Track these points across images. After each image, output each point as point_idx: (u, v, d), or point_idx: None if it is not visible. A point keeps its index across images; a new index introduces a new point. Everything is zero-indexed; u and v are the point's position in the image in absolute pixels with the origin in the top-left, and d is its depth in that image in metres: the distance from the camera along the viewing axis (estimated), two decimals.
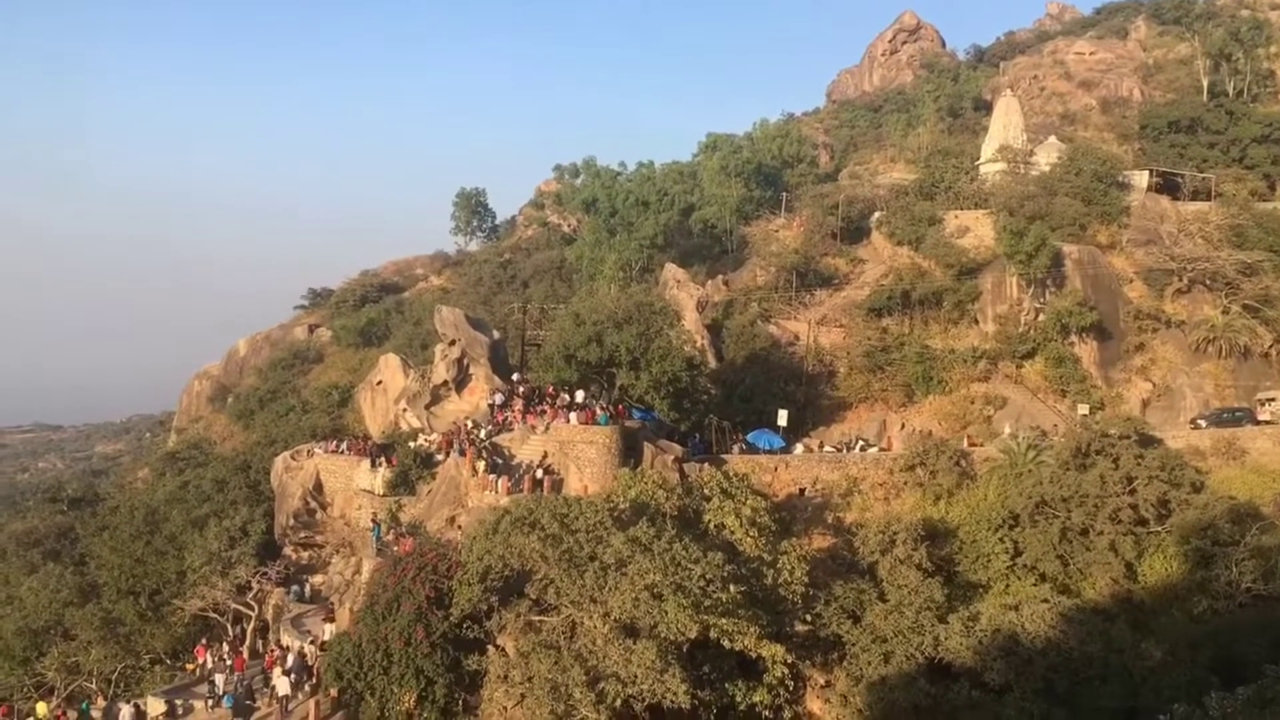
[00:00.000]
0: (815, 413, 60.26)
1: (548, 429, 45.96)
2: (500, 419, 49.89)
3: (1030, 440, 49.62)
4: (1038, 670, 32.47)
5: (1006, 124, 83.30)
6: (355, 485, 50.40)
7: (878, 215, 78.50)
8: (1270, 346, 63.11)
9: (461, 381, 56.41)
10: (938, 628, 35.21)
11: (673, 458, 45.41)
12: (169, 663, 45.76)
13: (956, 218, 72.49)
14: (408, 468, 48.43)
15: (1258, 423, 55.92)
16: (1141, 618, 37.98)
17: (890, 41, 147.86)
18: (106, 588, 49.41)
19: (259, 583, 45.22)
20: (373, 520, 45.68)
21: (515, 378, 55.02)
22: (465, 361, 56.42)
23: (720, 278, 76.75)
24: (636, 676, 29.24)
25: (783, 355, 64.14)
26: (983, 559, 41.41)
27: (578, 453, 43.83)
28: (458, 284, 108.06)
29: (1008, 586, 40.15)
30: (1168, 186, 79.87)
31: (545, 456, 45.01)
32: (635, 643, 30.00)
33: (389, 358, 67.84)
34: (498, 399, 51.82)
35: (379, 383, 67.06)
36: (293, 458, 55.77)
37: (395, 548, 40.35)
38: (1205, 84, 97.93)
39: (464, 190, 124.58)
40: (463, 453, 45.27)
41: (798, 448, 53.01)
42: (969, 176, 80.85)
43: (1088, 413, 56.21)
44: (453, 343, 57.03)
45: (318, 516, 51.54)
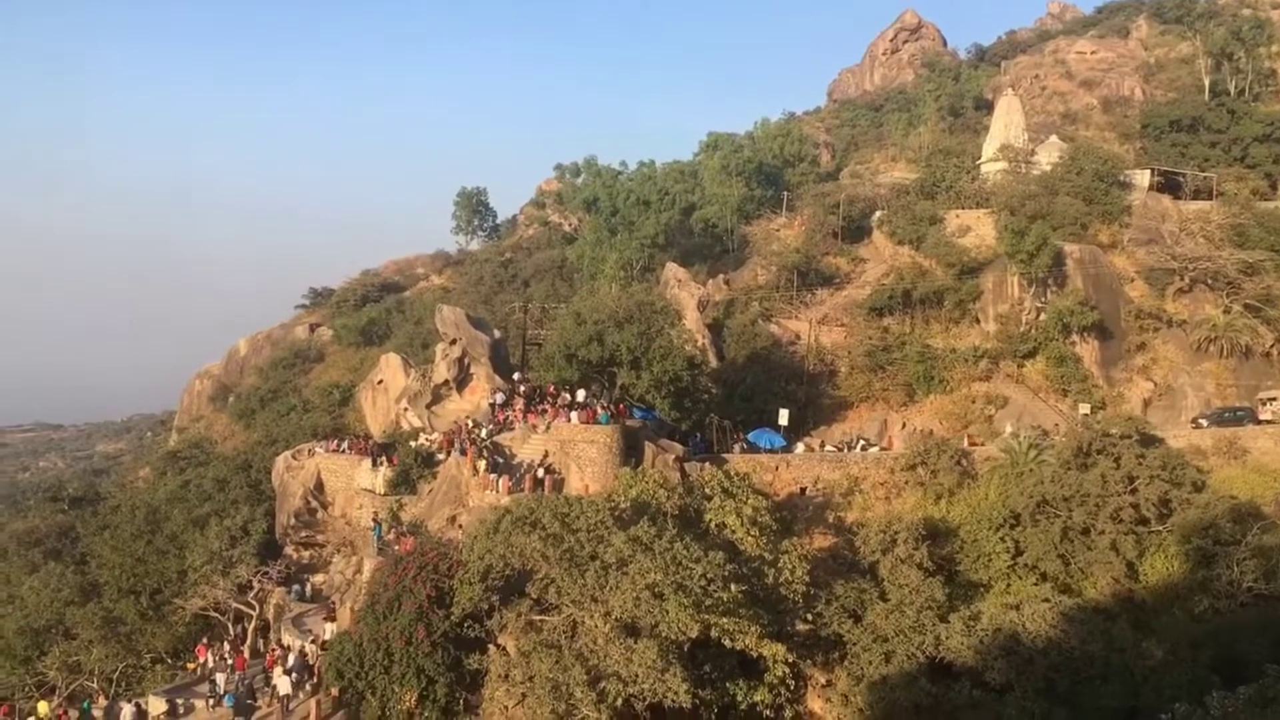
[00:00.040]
0: (816, 412, 60.30)
1: (549, 428, 45.93)
2: (501, 418, 49.85)
3: (1031, 439, 49.61)
4: (1039, 669, 32.47)
5: (1008, 123, 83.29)
6: (356, 484, 50.45)
7: (879, 214, 78.55)
8: (1271, 346, 63.07)
9: (462, 381, 56.45)
10: (939, 627, 35.22)
11: (674, 457, 45.37)
12: (170, 662, 45.82)
13: (958, 217, 72.55)
14: (409, 467, 48.50)
15: (1259, 422, 55.97)
16: (1143, 617, 37.99)
17: (891, 40, 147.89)
18: (108, 587, 49.51)
19: (260, 582, 45.23)
20: (374, 519, 45.67)
21: (516, 377, 54.99)
22: (466, 361, 56.46)
23: (721, 277, 76.74)
24: (637, 676, 29.23)
25: (784, 354, 64.15)
26: (984, 558, 41.42)
27: (579, 452, 43.81)
28: (459, 283, 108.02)
29: (1009, 586, 40.15)
30: (1169, 186, 79.81)
31: (546, 456, 44.99)
32: (636, 642, 29.99)
33: (390, 357, 67.90)
34: (499, 398, 51.79)
35: (380, 382, 67.09)
36: (294, 457, 55.81)
37: (396, 547, 40.32)
38: (1207, 83, 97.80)
39: (465, 189, 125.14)
40: (464, 452, 45.25)
41: (799, 447, 53.03)
42: (970, 176, 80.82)
43: (1089, 412, 56.21)
44: (454, 342, 57.06)
45: (319, 516, 51.58)
